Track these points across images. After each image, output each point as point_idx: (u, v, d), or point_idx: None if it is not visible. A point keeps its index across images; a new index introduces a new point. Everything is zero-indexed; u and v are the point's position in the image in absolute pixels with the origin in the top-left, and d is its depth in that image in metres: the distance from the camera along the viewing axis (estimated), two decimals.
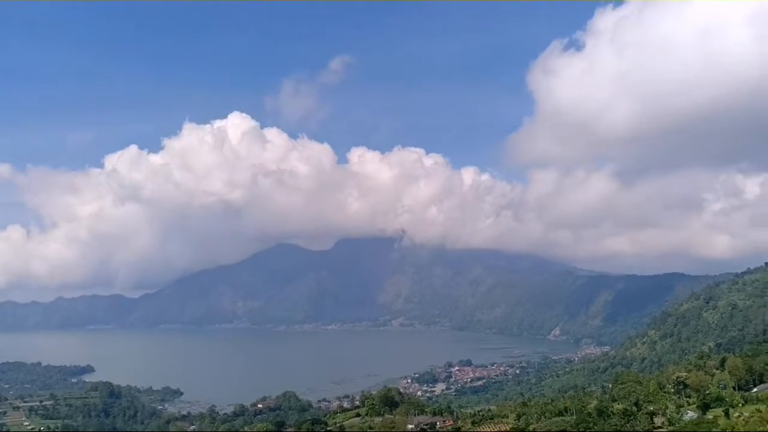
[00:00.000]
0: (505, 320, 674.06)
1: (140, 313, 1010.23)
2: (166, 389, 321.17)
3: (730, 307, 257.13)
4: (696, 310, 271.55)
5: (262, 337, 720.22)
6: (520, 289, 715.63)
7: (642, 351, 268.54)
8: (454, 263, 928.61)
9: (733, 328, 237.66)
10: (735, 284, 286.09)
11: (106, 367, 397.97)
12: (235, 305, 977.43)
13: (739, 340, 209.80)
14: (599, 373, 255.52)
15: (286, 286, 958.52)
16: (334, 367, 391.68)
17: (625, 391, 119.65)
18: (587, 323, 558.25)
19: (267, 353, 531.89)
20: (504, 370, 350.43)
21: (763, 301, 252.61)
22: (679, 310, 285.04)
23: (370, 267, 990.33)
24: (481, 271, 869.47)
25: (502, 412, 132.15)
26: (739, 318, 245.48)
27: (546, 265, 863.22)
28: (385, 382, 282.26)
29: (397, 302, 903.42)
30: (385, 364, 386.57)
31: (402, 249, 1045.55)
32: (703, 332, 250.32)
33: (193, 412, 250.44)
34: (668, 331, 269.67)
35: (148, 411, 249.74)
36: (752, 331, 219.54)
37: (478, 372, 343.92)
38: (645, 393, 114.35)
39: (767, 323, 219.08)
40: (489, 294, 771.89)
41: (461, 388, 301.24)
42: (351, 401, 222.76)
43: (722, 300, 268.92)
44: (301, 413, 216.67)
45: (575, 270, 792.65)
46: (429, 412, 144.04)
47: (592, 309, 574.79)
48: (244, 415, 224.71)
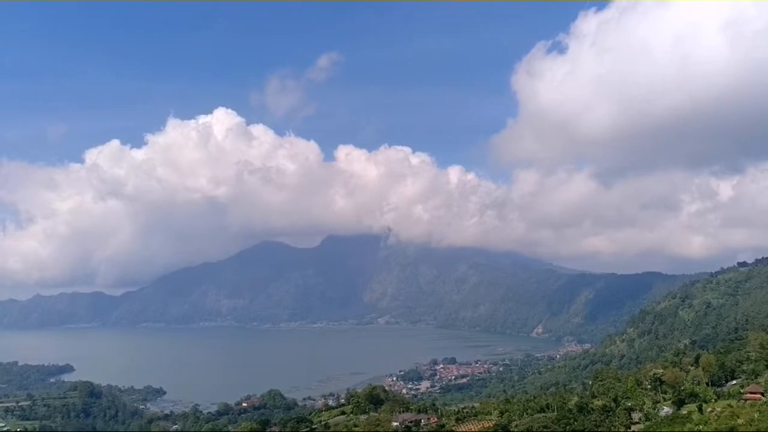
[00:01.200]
0: (489, 318, 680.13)
1: (122, 311, 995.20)
2: (148, 388, 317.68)
3: (705, 306, 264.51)
4: (672, 308, 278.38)
5: (247, 336, 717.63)
6: (504, 287, 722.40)
7: (621, 348, 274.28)
8: (440, 261, 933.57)
9: (707, 325, 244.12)
10: (709, 283, 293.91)
11: (86, 367, 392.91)
12: (219, 303, 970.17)
13: (712, 338, 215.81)
14: (580, 370, 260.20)
15: (272, 284, 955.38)
16: (319, 366, 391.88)
17: (605, 388, 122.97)
18: (569, 321, 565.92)
19: (251, 351, 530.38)
20: (488, 367, 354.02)
21: (735, 300, 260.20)
22: (657, 309, 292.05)
23: (356, 265, 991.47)
24: (465, 269, 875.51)
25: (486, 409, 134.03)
26: (713, 316, 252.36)
27: (529, 263, 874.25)
28: (370, 380, 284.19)
29: (383, 300, 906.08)
30: (371, 362, 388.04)
31: (388, 247, 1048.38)
32: (679, 330, 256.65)
33: (176, 412, 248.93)
34: (646, 328, 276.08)
35: (129, 411, 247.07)
36: (725, 329, 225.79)
37: (462, 369, 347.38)
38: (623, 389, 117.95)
39: (739, 321, 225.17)
40: (473, 292, 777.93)
41: (446, 386, 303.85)
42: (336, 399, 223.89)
43: (697, 299, 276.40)
44: (286, 412, 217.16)
45: (557, 268, 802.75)
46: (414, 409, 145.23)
47: (574, 307, 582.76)
48: (228, 414, 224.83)
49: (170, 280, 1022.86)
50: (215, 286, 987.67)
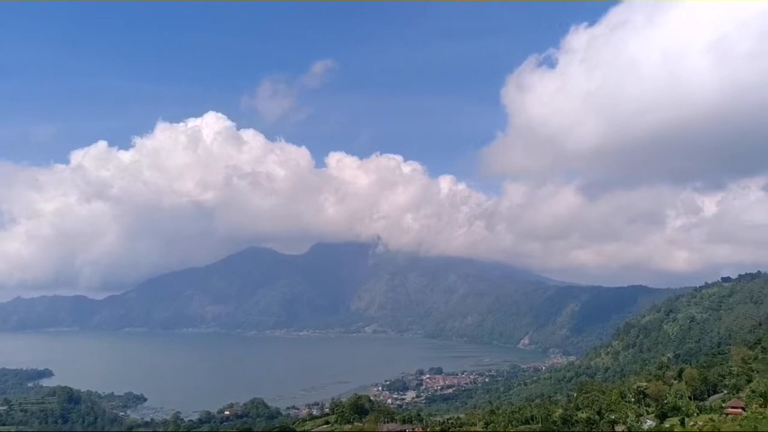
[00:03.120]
0: (476, 328, 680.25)
1: (104, 315, 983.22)
2: (128, 395, 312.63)
3: (689, 320, 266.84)
4: (657, 322, 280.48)
5: (231, 343, 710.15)
6: (492, 298, 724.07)
7: (606, 361, 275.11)
8: (429, 271, 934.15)
9: (691, 340, 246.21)
10: (693, 298, 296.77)
11: (65, 371, 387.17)
12: (203, 309, 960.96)
13: (695, 352, 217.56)
14: (565, 382, 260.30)
15: (258, 291, 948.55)
16: (304, 374, 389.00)
17: (589, 400, 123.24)
18: (555, 333, 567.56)
19: (235, 359, 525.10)
20: (474, 378, 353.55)
21: (718, 314, 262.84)
22: (641, 322, 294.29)
23: (345, 273, 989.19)
24: (454, 279, 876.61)
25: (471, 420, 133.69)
26: (697, 330, 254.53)
27: (517, 274, 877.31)
28: (355, 389, 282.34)
29: (371, 309, 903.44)
30: (357, 372, 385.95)
31: (377, 255, 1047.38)
32: (663, 343, 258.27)
33: (157, 419, 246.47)
34: (631, 341, 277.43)
35: (109, 417, 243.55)
36: (708, 343, 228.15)
37: (448, 380, 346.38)
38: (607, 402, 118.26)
39: (722, 336, 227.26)
40: (462, 302, 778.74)
41: (431, 396, 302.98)
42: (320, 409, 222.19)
43: (681, 313, 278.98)
44: (269, 420, 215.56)
45: (545, 280, 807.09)
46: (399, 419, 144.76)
47: (560, 319, 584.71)
48: (210, 422, 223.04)
49: (154, 285, 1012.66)
50: (200, 292, 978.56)
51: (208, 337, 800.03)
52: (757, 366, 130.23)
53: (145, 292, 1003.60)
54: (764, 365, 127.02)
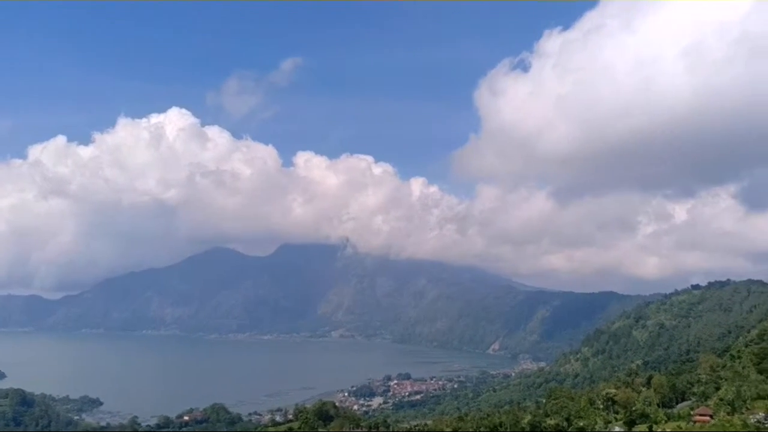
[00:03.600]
0: (446, 334, 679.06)
1: (60, 315, 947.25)
2: (84, 398, 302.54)
3: (658, 327, 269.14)
4: (626, 328, 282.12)
5: (192, 346, 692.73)
6: (462, 302, 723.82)
7: (575, 367, 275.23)
8: (398, 274, 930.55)
9: (660, 347, 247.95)
10: (663, 305, 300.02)
11: (18, 373, 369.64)
12: (163, 311, 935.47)
13: (664, 359, 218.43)
14: (534, 388, 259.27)
15: (221, 293, 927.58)
16: (267, 379, 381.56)
17: (558, 407, 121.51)
18: (525, 338, 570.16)
19: (196, 363, 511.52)
20: (443, 384, 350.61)
21: (687, 322, 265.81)
22: (611, 328, 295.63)
23: (312, 275, 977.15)
24: (424, 283, 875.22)
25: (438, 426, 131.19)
26: (666, 337, 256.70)
27: (489, 279, 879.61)
28: (321, 395, 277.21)
29: (338, 313, 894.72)
30: (322, 377, 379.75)
31: (345, 258, 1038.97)
32: (633, 350, 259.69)
33: (113, 424, 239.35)
34: (600, 348, 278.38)
35: (63, 421, 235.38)
36: (677, 351, 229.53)
37: (416, 386, 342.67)
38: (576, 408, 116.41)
39: (691, 343, 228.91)
40: (431, 306, 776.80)
41: (399, 402, 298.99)
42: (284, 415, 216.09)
43: (651, 319, 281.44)
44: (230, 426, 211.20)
45: (516, 285, 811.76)
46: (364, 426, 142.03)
47: (531, 324, 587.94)
48: (168, 427, 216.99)
49: (113, 285, 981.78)
50: (160, 293, 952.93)
51: (168, 340, 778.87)
52: (726, 374, 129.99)
53: (103, 293, 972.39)
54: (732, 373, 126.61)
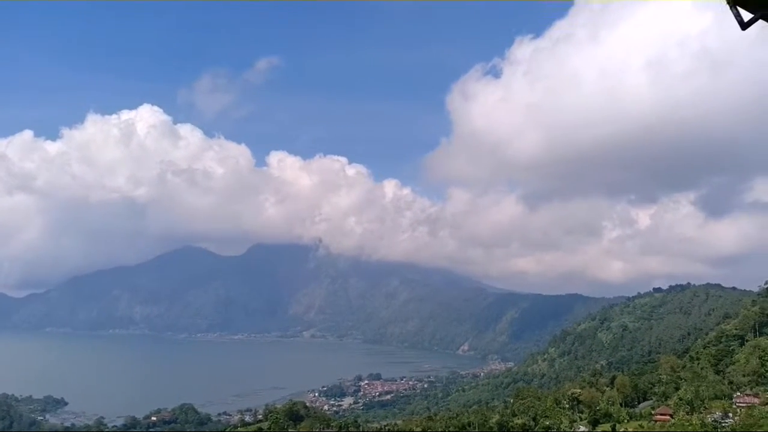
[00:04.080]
0: (417, 334, 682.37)
1: (24, 313, 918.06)
2: (48, 398, 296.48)
3: (621, 329, 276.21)
4: (592, 330, 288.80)
5: (161, 345, 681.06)
6: (434, 303, 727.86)
7: (542, 367, 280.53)
8: (371, 275, 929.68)
9: (623, 348, 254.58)
10: (626, 307, 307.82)
11: None
12: (132, 310, 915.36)
13: (627, 360, 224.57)
14: (502, 388, 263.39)
15: (191, 292, 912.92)
16: (237, 379, 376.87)
17: (525, 406, 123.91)
18: (494, 339, 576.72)
19: (165, 362, 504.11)
20: (413, 384, 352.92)
21: (649, 324, 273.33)
22: (577, 330, 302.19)
23: (283, 276, 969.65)
24: (397, 284, 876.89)
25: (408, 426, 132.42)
26: (629, 339, 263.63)
27: (460, 280, 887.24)
28: (291, 395, 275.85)
29: (310, 313, 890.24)
30: (293, 377, 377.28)
31: (317, 258, 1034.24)
32: (597, 351, 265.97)
33: (78, 424, 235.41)
34: (566, 349, 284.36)
35: (26, 421, 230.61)
36: (639, 352, 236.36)
37: (387, 386, 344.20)
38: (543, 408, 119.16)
39: (652, 345, 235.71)
40: (403, 307, 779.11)
41: (369, 402, 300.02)
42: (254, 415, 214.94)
43: (615, 321, 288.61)
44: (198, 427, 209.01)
45: (486, 287, 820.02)
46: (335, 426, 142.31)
47: (500, 326, 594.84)
48: (135, 428, 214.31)
49: (80, 283, 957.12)
50: (129, 292, 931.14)
51: (136, 339, 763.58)
52: (685, 375, 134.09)
53: (70, 291, 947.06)
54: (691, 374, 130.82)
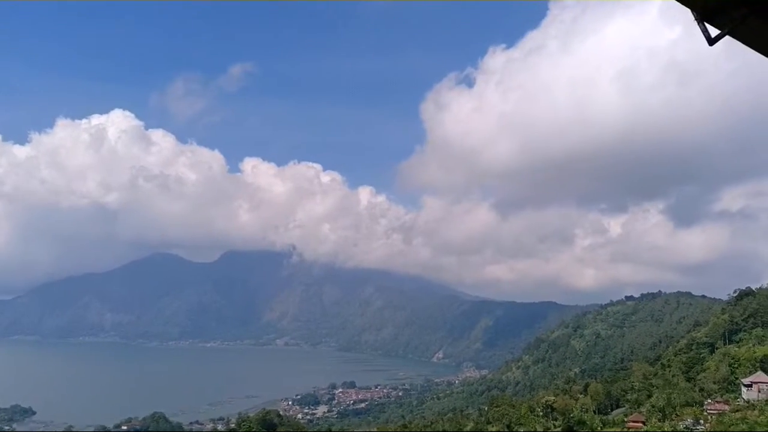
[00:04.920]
0: (391, 342, 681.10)
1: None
2: (15, 407, 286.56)
3: (595, 336, 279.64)
4: (565, 337, 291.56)
5: (131, 353, 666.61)
6: (408, 311, 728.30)
7: (516, 375, 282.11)
8: (345, 282, 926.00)
9: (596, 355, 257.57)
10: (599, 315, 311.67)
11: None
12: (102, 317, 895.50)
13: (600, 367, 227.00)
14: (477, 395, 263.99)
15: (162, 299, 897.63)
16: (210, 388, 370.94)
17: (499, 414, 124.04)
18: (469, 347, 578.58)
19: (136, 370, 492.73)
20: (387, 392, 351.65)
21: (622, 331, 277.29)
22: (551, 337, 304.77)
23: (257, 283, 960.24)
24: (371, 291, 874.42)
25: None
26: (602, 346, 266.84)
27: (434, 288, 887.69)
28: (264, 404, 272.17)
29: (284, 320, 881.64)
30: (266, 385, 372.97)
31: (291, 265, 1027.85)
32: (571, 358, 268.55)
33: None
34: (540, 356, 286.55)
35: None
36: (612, 359, 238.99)
37: (361, 394, 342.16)
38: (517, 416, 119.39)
39: (625, 352, 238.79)
40: (378, 315, 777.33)
41: (344, 411, 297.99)
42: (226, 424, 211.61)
43: (588, 329, 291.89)
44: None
45: (460, 294, 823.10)
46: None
47: (474, 333, 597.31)
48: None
49: (49, 290, 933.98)
50: (99, 299, 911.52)
51: (107, 347, 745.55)
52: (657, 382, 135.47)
53: (38, 298, 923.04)
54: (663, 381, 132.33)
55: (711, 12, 6.37)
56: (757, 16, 6.19)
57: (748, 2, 6.13)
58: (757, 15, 6.18)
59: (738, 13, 6.23)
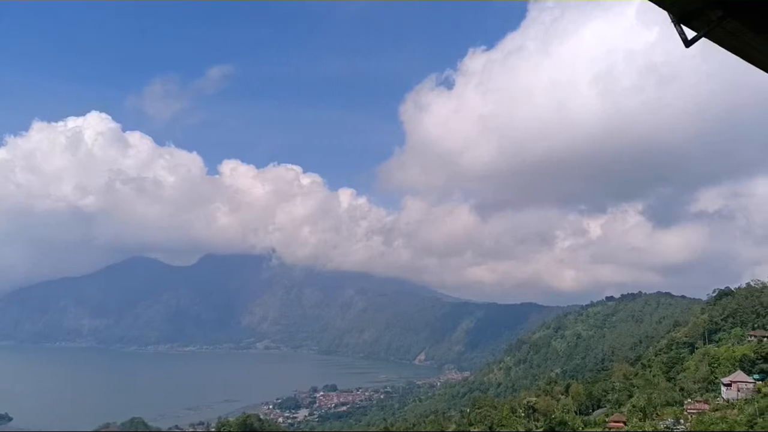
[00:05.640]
0: (373, 344, 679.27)
1: None
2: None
3: (576, 337, 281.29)
4: (546, 338, 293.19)
5: (109, 358, 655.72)
6: (389, 313, 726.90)
7: (498, 376, 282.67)
8: (326, 285, 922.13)
9: (577, 356, 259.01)
10: (580, 315, 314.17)
11: None
12: (79, 322, 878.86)
13: (581, 368, 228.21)
14: (459, 397, 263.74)
15: (141, 303, 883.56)
16: (189, 392, 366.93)
17: (481, 416, 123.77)
18: (450, 349, 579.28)
19: (113, 375, 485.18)
20: (369, 395, 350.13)
21: (602, 332, 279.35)
22: (532, 338, 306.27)
23: (236, 286, 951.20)
24: (352, 294, 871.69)
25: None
26: (583, 347, 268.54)
27: (415, 290, 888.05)
28: (244, 408, 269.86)
29: (264, 324, 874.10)
30: (246, 389, 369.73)
31: (271, 268, 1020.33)
32: (552, 359, 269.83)
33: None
34: (522, 357, 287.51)
35: None
36: (593, 359, 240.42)
37: (343, 397, 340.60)
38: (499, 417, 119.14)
39: (605, 352, 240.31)
40: (359, 317, 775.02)
41: (325, 414, 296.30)
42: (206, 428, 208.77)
43: (569, 330, 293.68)
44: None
45: (442, 296, 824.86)
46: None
47: (456, 335, 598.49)
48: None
49: (25, 295, 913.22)
50: (76, 304, 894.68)
51: (84, 352, 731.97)
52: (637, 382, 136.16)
53: (14, 303, 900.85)
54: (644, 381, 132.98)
55: (688, 14, 6.46)
56: (733, 18, 6.32)
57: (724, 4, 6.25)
58: (733, 17, 6.30)
59: (714, 15, 6.34)
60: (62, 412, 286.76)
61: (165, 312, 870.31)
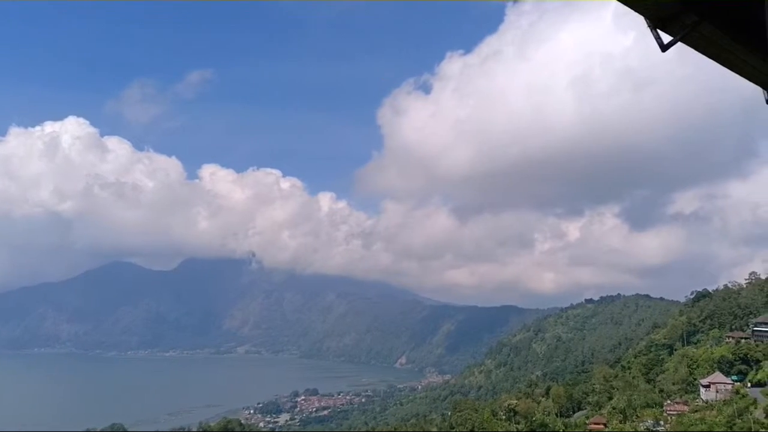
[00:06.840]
0: (354, 348, 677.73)
1: None
2: None
3: (556, 339, 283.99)
4: (527, 341, 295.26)
5: (89, 364, 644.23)
6: (370, 317, 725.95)
7: (479, 379, 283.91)
8: (306, 289, 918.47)
9: (558, 358, 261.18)
10: (560, 318, 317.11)
11: None
12: (58, 328, 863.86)
13: (562, 370, 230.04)
14: (440, 401, 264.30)
15: (120, 309, 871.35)
16: (169, 397, 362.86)
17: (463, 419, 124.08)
18: (431, 352, 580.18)
19: (93, 381, 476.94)
20: (350, 398, 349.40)
21: (582, 334, 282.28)
22: (513, 341, 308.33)
23: (216, 290, 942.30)
24: (333, 297, 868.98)
25: None
26: (563, 349, 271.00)
27: (396, 293, 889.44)
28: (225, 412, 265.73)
29: (244, 328, 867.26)
30: (227, 394, 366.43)
31: (251, 272, 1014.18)
32: (533, 362, 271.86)
33: None
34: (503, 360, 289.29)
35: None
36: (573, 362, 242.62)
37: (324, 401, 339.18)
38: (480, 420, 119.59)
39: (585, 355, 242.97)
40: (340, 321, 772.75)
41: (306, 418, 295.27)
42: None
43: (549, 332, 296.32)
44: None
45: (422, 299, 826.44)
46: None
47: (436, 338, 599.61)
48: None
49: (2, 301, 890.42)
50: (55, 309, 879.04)
51: (63, 358, 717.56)
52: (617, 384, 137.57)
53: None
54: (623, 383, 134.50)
55: (664, 19, 6.48)
56: (708, 23, 6.37)
57: (699, 9, 6.29)
58: (708, 21, 6.35)
59: (690, 20, 6.37)
60: (41, 419, 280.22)
61: (145, 317, 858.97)
